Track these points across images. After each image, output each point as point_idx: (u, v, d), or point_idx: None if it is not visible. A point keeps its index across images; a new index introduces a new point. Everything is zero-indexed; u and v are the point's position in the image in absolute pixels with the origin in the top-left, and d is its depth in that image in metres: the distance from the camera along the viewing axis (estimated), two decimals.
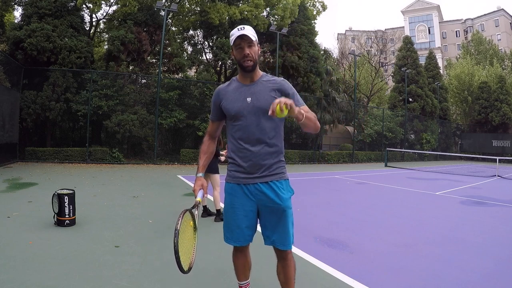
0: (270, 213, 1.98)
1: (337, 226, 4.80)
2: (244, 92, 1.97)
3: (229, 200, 2.04)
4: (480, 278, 3.00)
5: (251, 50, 1.91)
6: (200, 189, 1.97)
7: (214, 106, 2.09)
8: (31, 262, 2.98)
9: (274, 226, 1.98)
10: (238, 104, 1.95)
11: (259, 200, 1.97)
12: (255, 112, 1.93)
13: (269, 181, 1.96)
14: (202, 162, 2.12)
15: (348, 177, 12.02)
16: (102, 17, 19.34)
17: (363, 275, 2.98)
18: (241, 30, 1.89)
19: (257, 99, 1.93)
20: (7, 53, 13.48)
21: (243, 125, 1.95)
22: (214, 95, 2.09)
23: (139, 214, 5.07)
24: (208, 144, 2.16)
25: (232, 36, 1.92)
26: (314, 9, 22.37)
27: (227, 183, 2.07)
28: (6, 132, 11.26)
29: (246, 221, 2.00)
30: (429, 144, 27.53)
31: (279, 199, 1.95)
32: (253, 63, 1.92)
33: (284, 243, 1.97)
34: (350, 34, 59.51)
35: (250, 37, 1.90)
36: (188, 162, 15.24)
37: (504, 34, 51.82)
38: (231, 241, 2.03)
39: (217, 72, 21.16)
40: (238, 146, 1.98)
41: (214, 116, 2.11)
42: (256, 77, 2.00)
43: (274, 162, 1.99)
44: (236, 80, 2.06)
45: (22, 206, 5.17)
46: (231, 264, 2.22)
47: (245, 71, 1.95)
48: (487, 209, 6.59)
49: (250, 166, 1.95)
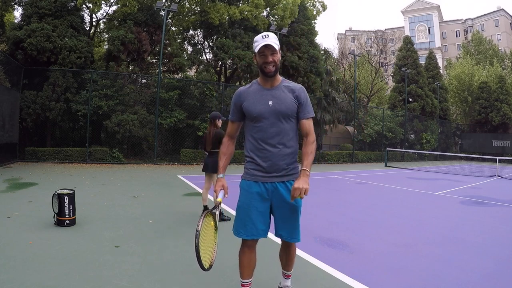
0: (283, 211, 2.12)
1: (337, 226, 4.80)
2: (266, 95, 2.08)
3: (244, 196, 2.14)
4: (480, 278, 3.00)
5: (274, 57, 2.02)
6: (221, 190, 2.09)
7: (235, 107, 2.19)
8: (31, 262, 2.98)
9: (285, 222, 2.14)
10: (260, 106, 2.07)
11: (275, 197, 2.11)
12: (276, 115, 2.05)
13: (285, 181, 2.11)
14: (222, 163, 2.22)
15: (348, 177, 12.02)
16: (102, 17, 19.34)
17: (363, 275, 2.98)
18: (266, 38, 1.99)
19: (278, 103, 2.06)
20: (7, 53, 13.48)
21: (263, 127, 2.07)
22: (235, 96, 2.19)
23: (139, 214, 5.07)
24: (227, 145, 2.26)
25: (256, 43, 2.02)
26: (314, 9, 22.36)
27: (244, 180, 2.17)
28: (6, 132, 11.25)
29: (260, 217, 2.10)
30: (429, 144, 27.53)
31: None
32: (275, 69, 2.04)
33: (293, 237, 2.16)
34: (350, 34, 59.50)
35: (274, 46, 2.00)
36: (188, 162, 15.24)
37: (504, 34, 51.81)
38: (243, 235, 2.11)
39: (217, 72, 21.15)
40: (258, 146, 2.10)
41: (234, 117, 2.21)
42: (277, 82, 2.12)
43: (291, 162, 2.13)
44: (257, 83, 2.16)
45: (22, 206, 5.17)
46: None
47: (266, 76, 2.07)
48: (487, 209, 6.59)
49: (269, 166, 2.08)
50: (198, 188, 8.02)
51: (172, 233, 4.13)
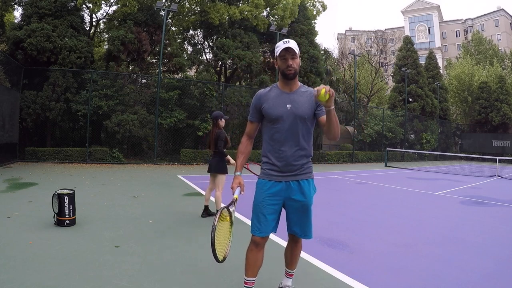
0: (296, 208, 2.23)
1: (337, 226, 4.80)
2: (285, 99, 2.20)
3: (259, 194, 2.24)
4: (480, 278, 3.00)
5: (294, 62, 2.15)
6: (237, 187, 2.21)
7: (255, 108, 2.30)
8: (31, 262, 2.98)
9: (298, 219, 2.26)
10: (279, 109, 2.18)
11: (287, 195, 2.21)
12: (293, 117, 2.17)
13: (299, 180, 2.22)
14: (239, 161, 2.33)
15: (348, 177, 12.02)
16: (102, 17, 19.33)
17: (363, 275, 2.98)
18: (287, 43, 2.11)
19: (296, 107, 2.17)
20: (7, 53, 13.47)
21: (280, 128, 2.19)
22: (255, 99, 2.30)
23: (139, 214, 5.07)
24: (246, 144, 2.38)
25: (278, 48, 2.15)
26: (314, 9, 22.36)
27: (260, 179, 2.28)
28: (6, 132, 11.25)
29: (273, 213, 2.21)
30: (429, 144, 27.52)
31: (305, 196, 2.21)
32: (295, 72, 2.16)
33: (306, 234, 2.29)
34: (350, 34, 59.49)
35: (294, 50, 2.12)
36: (188, 162, 15.24)
37: (504, 34, 51.81)
38: (258, 232, 2.19)
39: (217, 72, 21.15)
40: (274, 147, 2.21)
41: (254, 118, 2.33)
42: (295, 86, 2.24)
43: (304, 163, 2.24)
44: (277, 87, 2.27)
45: (22, 206, 5.17)
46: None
47: (287, 78, 2.19)
48: (487, 209, 6.59)
49: (283, 166, 2.19)
50: (198, 188, 8.02)
51: (172, 233, 4.13)
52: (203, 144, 16.70)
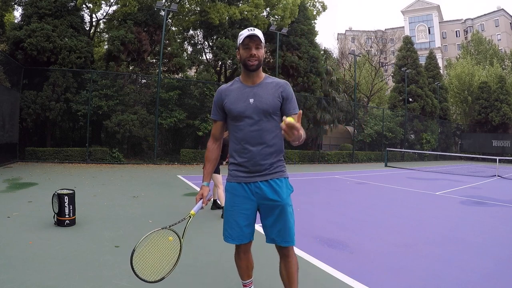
0: (270, 211, 1.99)
1: (337, 226, 4.79)
2: (247, 93, 1.99)
3: (229, 199, 2.06)
4: (480, 278, 3.00)
5: (258, 52, 1.93)
6: (199, 200, 2.03)
7: (216, 105, 2.10)
8: (31, 262, 2.98)
9: (274, 223, 1.99)
10: (241, 104, 1.97)
11: (259, 198, 1.99)
12: (257, 113, 1.95)
13: (269, 179, 1.99)
14: (206, 170, 2.13)
15: (348, 177, 12.02)
16: (102, 17, 19.33)
17: (363, 275, 2.98)
18: (251, 31, 1.91)
19: (260, 101, 1.96)
20: (7, 53, 13.48)
21: (244, 126, 1.98)
22: (216, 95, 2.10)
23: (139, 214, 5.07)
24: (212, 149, 2.16)
25: (241, 35, 1.93)
26: (314, 9, 22.36)
27: (228, 182, 2.09)
28: (6, 132, 11.25)
29: (245, 219, 2.01)
30: (429, 144, 27.53)
31: (278, 196, 1.97)
32: (258, 63, 1.94)
33: (285, 239, 1.98)
34: (350, 34, 59.49)
35: (260, 38, 1.92)
36: (188, 162, 15.24)
37: (504, 34, 51.81)
38: (230, 240, 2.04)
39: (217, 72, 21.15)
40: (239, 146, 2.01)
41: (216, 116, 2.12)
42: (259, 79, 2.02)
43: (274, 161, 2.01)
44: (239, 81, 2.07)
45: (22, 206, 5.17)
46: (232, 264, 2.22)
47: (248, 70, 1.96)
48: (487, 209, 6.59)
49: (250, 166, 1.98)
50: (198, 188, 8.01)
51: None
52: (203, 144, 16.71)
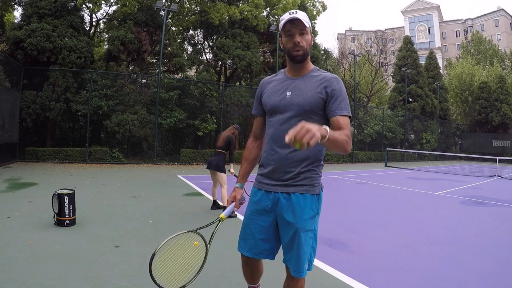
0: (284, 229, 1.71)
1: (337, 226, 4.79)
2: (286, 85, 1.74)
3: (249, 205, 1.86)
4: (480, 278, 3.00)
5: (303, 38, 1.66)
6: (231, 202, 1.87)
7: (256, 99, 1.91)
8: (31, 262, 2.98)
9: (287, 246, 1.71)
10: (276, 97, 1.73)
11: (277, 212, 1.73)
12: (291, 108, 1.68)
13: (291, 192, 1.68)
14: (242, 170, 1.93)
15: (348, 177, 12.02)
16: (102, 17, 19.36)
17: (363, 275, 2.98)
18: (293, 14, 1.64)
19: (297, 95, 1.68)
20: (7, 53, 13.48)
21: (275, 122, 1.73)
22: (258, 87, 1.91)
23: (139, 214, 5.07)
24: (250, 148, 1.94)
25: (282, 20, 1.67)
26: (314, 9, 22.37)
27: (253, 187, 1.88)
28: (6, 132, 11.25)
29: (262, 232, 1.76)
30: (429, 144, 27.53)
31: (294, 216, 1.66)
32: (303, 52, 1.68)
33: (295, 269, 1.69)
34: (350, 34, 59.49)
35: (303, 23, 1.63)
36: (188, 162, 15.24)
37: (504, 34, 51.81)
38: (244, 250, 1.82)
39: (217, 72, 21.15)
40: (268, 146, 1.77)
41: (256, 110, 1.91)
42: (305, 70, 1.75)
43: (303, 171, 1.68)
44: (283, 72, 1.83)
45: (22, 206, 5.17)
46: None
47: (293, 61, 1.71)
48: (487, 209, 6.59)
49: (273, 171, 1.72)
50: (198, 188, 8.02)
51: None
52: (203, 144, 16.74)
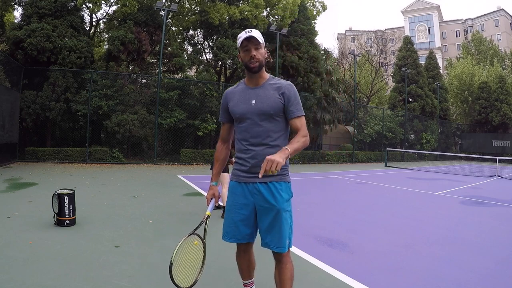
0: (265, 214, 1.98)
1: (337, 226, 4.79)
2: (249, 95, 2.01)
3: (229, 197, 2.11)
4: (480, 278, 3.00)
5: (258, 52, 1.94)
6: (211, 199, 2.09)
7: (222, 108, 2.16)
8: (31, 262, 2.98)
9: (268, 228, 1.97)
10: (243, 106, 2.00)
11: (256, 200, 1.99)
12: (258, 114, 1.96)
13: (268, 182, 1.97)
14: (215, 169, 2.20)
15: (348, 177, 12.02)
16: (102, 17, 19.34)
17: (363, 275, 2.98)
18: (249, 32, 1.93)
19: (261, 102, 1.96)
20: (7, 53, 13.47)
21: (246, 127, 2.00)
22: (222, 98, 2.16)
23: (139, 214, 5.07)
24: (220, 149, 2.22)
25: (240, 38, 1.95)
26: (314, 9, 22.36)
27: (231, 181, 2.14)
28: (6, 132, 11.25)
29: (242, 219, 2.03)
30: (429, 144, 27.53)
31: (275, 200, 1.95)
32: (259, 64, 1.95)
33: (278, 245, 1.95)
34: (350, 34, 59.51)
35: (258, 39, 1.93)
36: (188, 162, 15.23)
37: (504, 34, 51.81)
38: (227, 238, 2.07)
39: (217, 72, 21.15)
40: (242, 146, 2.03)
41: (223, 118, 2.17)
42: (262, 80, 2.03)
43: None
44: (243, 83, 2.10)
45: (22, 206, 5.17)
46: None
47: (251, 72, 1.98)
48: (487, 209, 6.59)
49: (251, 166, 1.99)
50: (198, 188, 8.02)
51: (172, 233, 4.13)
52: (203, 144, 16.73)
